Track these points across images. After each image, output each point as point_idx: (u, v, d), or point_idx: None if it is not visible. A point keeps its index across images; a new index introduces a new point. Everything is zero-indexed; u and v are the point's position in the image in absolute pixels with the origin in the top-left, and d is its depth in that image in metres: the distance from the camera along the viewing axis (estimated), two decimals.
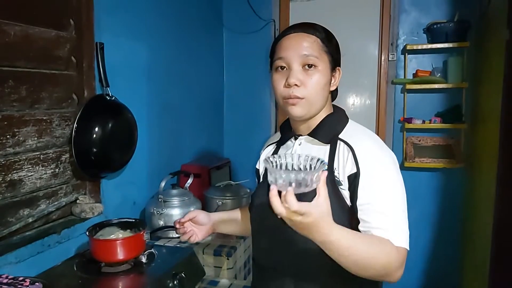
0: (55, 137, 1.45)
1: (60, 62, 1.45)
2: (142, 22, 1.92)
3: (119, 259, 1.26)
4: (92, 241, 1.27)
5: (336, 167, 1.02)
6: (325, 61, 1.03)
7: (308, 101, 1.02)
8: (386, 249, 0.90)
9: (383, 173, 0.98)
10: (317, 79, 1.02)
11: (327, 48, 1.04)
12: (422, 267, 2.73)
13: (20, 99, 1.29)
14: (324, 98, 1.06)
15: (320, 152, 1.06)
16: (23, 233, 1.34)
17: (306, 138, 1.10)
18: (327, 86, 1.05)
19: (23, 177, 1.32)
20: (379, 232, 0.93)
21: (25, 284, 0.97)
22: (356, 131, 1.06)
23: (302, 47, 1.02)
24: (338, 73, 1.09)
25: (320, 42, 1.03)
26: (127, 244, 1.27)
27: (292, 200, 0.76)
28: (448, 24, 2.44)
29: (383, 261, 0.89)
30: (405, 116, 2.64)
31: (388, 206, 0.95)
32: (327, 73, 1.04)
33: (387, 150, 1.03)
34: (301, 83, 1.01)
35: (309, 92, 1.02)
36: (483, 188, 2.25)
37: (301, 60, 1.01)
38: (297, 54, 1.02)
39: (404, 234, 0.94)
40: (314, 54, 1.01)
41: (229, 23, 2.98)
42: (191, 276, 1.34)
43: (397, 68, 2.69)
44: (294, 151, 1.10)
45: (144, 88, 1.96)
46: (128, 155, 1.68)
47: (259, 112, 2.98)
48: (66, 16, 1.48)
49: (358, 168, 0.97)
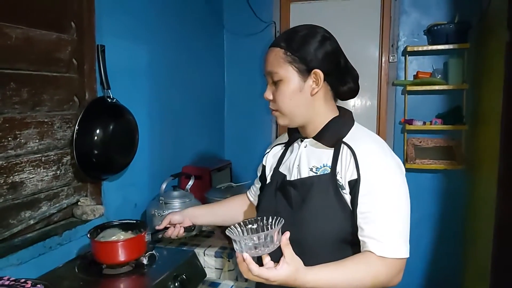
0: (57, 139, 1.45)
1: (61, 64, 1.45)
2: (143, 24, 1.92)
3: (120, 260, 1.26)
4: (93, 243, 1.27)
5: (338, 171, 1.02)
6: (289, 72, 1.03)
7: (281, 112, 1.07)
8: (372, 269, 0.93)
9: (384, 181, 0.97)
10: (282, 92, 1.04)
11: (292, 57, 1.03)
12: (423, 268, 2.73)
13: (21, 101, 1.30)
14: (302, 106, 1.06)
15: (324, 155, 1.06)
16: (25, 235, 1.34)
17: (311, 141, 1.11)
18: (297, 94, 1.04)
19: (25, 179, 1.33)
20: (371, 243, 0.95)
21: (27, 286, 0.97)
22: (360, 135, 1.06)
23: (267, 63, 1.07)
24: (317, 75, 1.03)
25: (282, 54, 1.04)
26: (128, 245, 1.27)
27: (253, 267, 0.85)
28: (449, 26, 2.45)
29: (370, 282, 0.93)
30: (405, 117, 2.65)
31: (387, 216, 0.96)
32: (294, 83, 1.04)
33: (391, 156, 1.02)
34: (272, 97, 1.07)
35: (279, 105, 1.06)
36: (484, 189, 2.25)
37: (269, 76, 1.07)
38: (265, 71, 1.08)
39: (402, 245, 0.95)
40: (274, 70, 1.04)
41: (230, 25, 2.99)
42: (192, 278, 1.35)
43: (397, 69, 2.69)
44: (299, 154, 1.11)
45: (145, 90, 1.96)
46: (129, 157, 1.68)
47: (260, 114, 2.98)
48: (67, 19, 1.48)
49: (358, 174, 0.97)
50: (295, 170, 1.11)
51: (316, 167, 1.07)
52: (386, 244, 0.94)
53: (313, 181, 1.04)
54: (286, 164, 1.17)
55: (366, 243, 0.96)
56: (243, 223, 0.95)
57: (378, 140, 1.05)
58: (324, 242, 1.01)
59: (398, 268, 0.95)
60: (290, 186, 1.09)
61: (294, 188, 1.08)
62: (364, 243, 0.97)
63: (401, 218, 0.97)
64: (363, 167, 0.98)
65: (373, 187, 0.97)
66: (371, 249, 0.95)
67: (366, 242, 0.96)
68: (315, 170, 1.06)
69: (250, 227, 0.94)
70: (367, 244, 0.96)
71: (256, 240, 0.86)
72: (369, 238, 0.96)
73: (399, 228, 0.96)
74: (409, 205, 1.00)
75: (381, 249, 0.94)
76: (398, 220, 0.97)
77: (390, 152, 1.03)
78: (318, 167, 1.06)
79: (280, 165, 1.20)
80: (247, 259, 0.86)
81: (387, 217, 0.96)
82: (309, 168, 1.08)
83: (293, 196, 1.07)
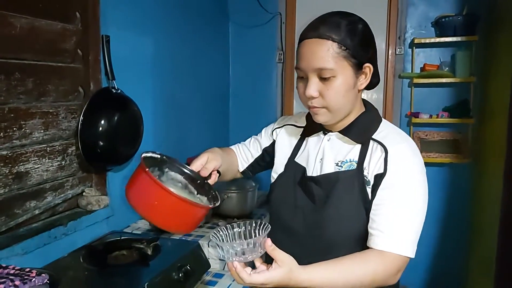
0: (62, 130, 1.45)
1: (66, 54, 1.45)
2: (147, 15, 1.91)
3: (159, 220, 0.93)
4: (141, 174, 0.92)
5: (366, 167, 1.00)
6: (344, 67, 0.95)
7: (330, 110, 0.98)
8: (370, 266, 0.91)
9: (408, 178, 0.96)
10: (335, 89, 0.95)
11: (347, 51, 0.94)
12: (428, 262, 2.72)
13: (26, 91, 1.30)
14: (349, 102, 1.00)
15: (350, 150, 1.03)
16: (30, 225, 1.35)
17: (337, 135, 1.06)
18: (350, 91, 0.98)
19: (30, 169, 1.33)
20: (377, 235, 0.93)
21: (32, 275, 0.97)
22: (391, 133, 1.03)
23: (316, 58, 0.94)
24: (368, 69, 0.99)
25: (336, 47, 0.93)
26: (187, 210, 0.92)
27: (244, 276, 0.83)
28: (457, 18, 2.41)
29: (369, 280, 0.90)
30: (412, 110, 2.62)
31: (399, 211, 0.94)
32: (348, 79, 0.96)
33: (419, 157, 1.00)
34: (318, 94, 0.96)
35: (328, 102, 0.97)
36: (490, 183, 2.24)
37: (316, 72, 0.95)
38: (311, 67, 0.95)
39: (408, 242, 0.93)
40: (329, 66, 0.93)
41: (235, 16, 2.96)
42: (196, 269, 1.35)
43: (404, 62, 2.66)
44: (323, 147, 1.07)
45: (150, 82, 1.96)
46: (134, 148, 1.68)
47: (265, 106, 2.97)
48: (72, 9, 1.47)
49: (386, 169, 0.96)
50: (317, 164, 1.07)
51: (341, 161, 1.03)
52: (390, 237, 0.92)
53: (338, 177, 1.01)
54: (304, 156, 1.12)
55: (372, 235, 0.95)
56: (230, 226, 0.90)
57: (409, 139, 1.03)
58: (348, 240, 1.00)
59: (398, 266, 0.93)
60: (312, 182, 1.05)
61: (316, 184, 1.04)
62: (370, 235, 0.96)
63: (414, 218, 0.95)
64: (392, 163, 0.96)
65: (395, 182, 0.95)
66: (374, 243, 0.93)
67: (372, 235, 0.95)
68: (340, 164, 1.03)
69: (237, 230, 0.90)
70: (372, 237, 0.95)
71: (240, 247, 0.84)
72: (376, 230, 0.94)
73: (409, 226, 0.94)
74: (425, 209, 0.98)
75: (383, 242, 0.92)
76: (411, 218, 0.95)
77: (418, 153, 1.01)
78: (344, 161, 1.03)
79: (296, 155, 1.14)
80: (236, 267, 0.84)
81: (400, 212, 0.94)
82: (335, 163, 1.04)
83: (315, 193, 1.04)
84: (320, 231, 0.98)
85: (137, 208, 0.91)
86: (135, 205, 0.91)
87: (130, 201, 0.93)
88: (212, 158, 1.08)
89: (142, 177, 0.92)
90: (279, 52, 2.91)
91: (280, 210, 1.12)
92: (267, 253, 0.85)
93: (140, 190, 0.92)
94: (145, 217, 0.95)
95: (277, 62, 2.93)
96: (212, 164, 1.06)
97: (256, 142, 1.29)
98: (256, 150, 1.28)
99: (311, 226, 0.95)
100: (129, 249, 1.36)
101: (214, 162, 1.07)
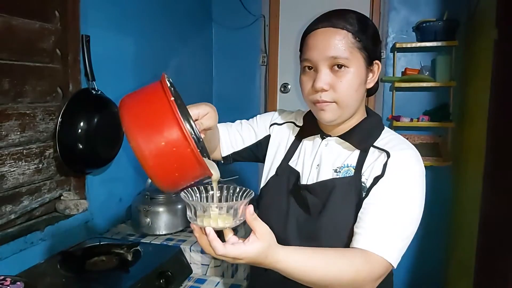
0: (39, 132, 1.41)
1: (44, 54, 1.41)
2: (129, 15, 1.88)
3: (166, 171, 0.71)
4: (163, 102, 0.72)
5: (364, 173, 0.94)
6: (358, 59, 0.90)
7: (340, 105, 0.92)
8: (354, 264, 0.81)
9: (406, 184, 0.89)
10: (348, 82, 0.90)
11: (361, 43, 0.90)
12: (407, 263, 2.75)
13: (2, 92, 1.25)
14: (359, 100, 0.94)
15: (347, 155, 0.98)
16: (5, 230, 1.30)
17: (337, 140, 1.01)
18: (362, 86, 0.93)
19: (5, 172, 1.29)
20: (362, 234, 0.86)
21: (6, 283, 0.94)
22: (395, 139, 0.97)
23: (330, 47, 0.89)
24: (377, 67, 0.96)
25: (351, 37, 0.89)
26: (191, 168, 0.71)
27: (217, 245, 0.70)
28: (437, 23, 2.45)
29: (350, 277, 0.80)
30: (393, 114, 2.65)
31: (391, 214, 0.87)
32: (361, 73, 0.91)
33: (422, 166, 0.93)
34: (329, 86, 0.90)
35: (340, 96, 0.91)
36: (469, 186, 2.28)
37: (328, 62, 0.90)
38: (324, 56, 0.89)
39: (395, 250, 0.85)
40: (343, 55, 0.88)
41: (218, 18, 2.95)
42: (177, 274, 1.33)
43: (386, 66, 2.69)
44: (320, 152, 1.01)
45: (131, 83, 1.93)
46: (114, 150, 1.65)
47: (248, 108, 2.96)
48: (50, 7, 1.44)
49: (384, 170, 0.90)
50: (313, 171, 1.01)
51: (339, 167, 0.97)
52: (378, 239, 0.84)
53: (334, 184, 0.94)
54: (299, 160, 1.06)
55: (357, 234, 0.87)
56: (204, 188, 0.79)
57: (413, 147, 0.96)
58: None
59: (380, 271, 0.84)
60: (307, 191, 0.98)
61: (311, 193, 0.98)
62: (355, 234, 0.88)
63: (407, 226, 0.88)
64: (392, 166, 0.90)
65: (392, 184, 0.89)
66: (358, 241, 0.86)
67: (357, 233, 0.87)
68: (338, 170, 0.97)
69: (212, 193, 0.79)
70: (356, 236, 0.87)
71: (217, 210, 0.71)
72: (361, 229, 0.87)
73: (399, 232, 0.86)
74: (418, 221, 0.90)
75: (369, 243, 0.84)
76: (402, 225, 0.87)
77: (421, 162, 0.94)
78: (342, 166, 0.97)
79: (291, 158, 1.08)
80: (210, 234, 0.71)
81: (391, 215, 0.87)
82: (333, 169, 0.98)
83: (310, 203, 0.97)
84: (315, 242, 0.91)
85: (133, 138, 0.69)
86: (132, 132, 0.70)
87: (126, 123, 0.72)
88: (211, 117, 0.95)
89: (161, 105, 0.72)
90: (262, 54, 2.91)
91: (271, 219, 0.98)
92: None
93: (149, 121, 0.71)
94: (138, 153, 0.69)
95: (261, 65, 2.93)
96: (208, 123, 0.93)
97: (250, 129, 1.18)
98: (249, 138, 1.17)
99: (306, 236, 0.89)
100: (109, 255, 1.33)
101: (211, 121, 0.94)
